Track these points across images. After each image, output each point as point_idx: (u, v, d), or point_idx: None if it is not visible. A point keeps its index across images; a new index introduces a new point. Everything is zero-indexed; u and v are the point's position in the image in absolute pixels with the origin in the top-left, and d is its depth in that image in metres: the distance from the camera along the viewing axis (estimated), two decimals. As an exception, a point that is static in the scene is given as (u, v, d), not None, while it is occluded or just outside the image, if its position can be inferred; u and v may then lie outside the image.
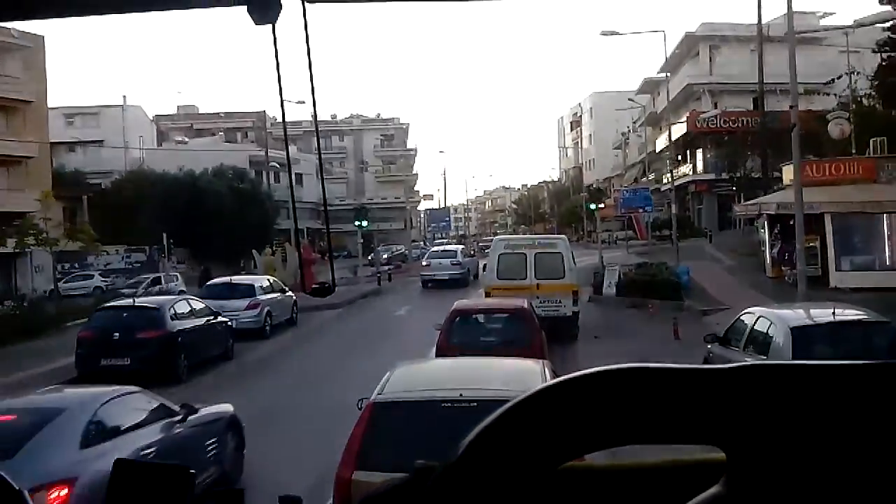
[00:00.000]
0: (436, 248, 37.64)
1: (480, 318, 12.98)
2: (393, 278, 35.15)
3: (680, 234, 42.87)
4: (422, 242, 68.00)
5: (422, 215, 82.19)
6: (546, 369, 6.24)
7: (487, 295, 17.41)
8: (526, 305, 12.82)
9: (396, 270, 37.12)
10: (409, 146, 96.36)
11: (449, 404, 5.30)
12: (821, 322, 9.12)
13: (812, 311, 10.06)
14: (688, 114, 52.72)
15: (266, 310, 19.77)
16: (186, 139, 69.28)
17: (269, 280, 21.37)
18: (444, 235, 72.71)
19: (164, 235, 34.78)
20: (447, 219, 69.20)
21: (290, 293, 21.71)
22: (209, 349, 16.04)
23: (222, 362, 16.59)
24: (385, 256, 49.31)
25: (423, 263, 32.93)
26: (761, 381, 0.57)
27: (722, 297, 22.06)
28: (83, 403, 7.02)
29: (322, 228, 73.90)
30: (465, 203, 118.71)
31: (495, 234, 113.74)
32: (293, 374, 15.62)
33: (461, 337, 11.90)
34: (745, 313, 10.00)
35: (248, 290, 19.95)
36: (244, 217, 50.67)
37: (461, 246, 39.05)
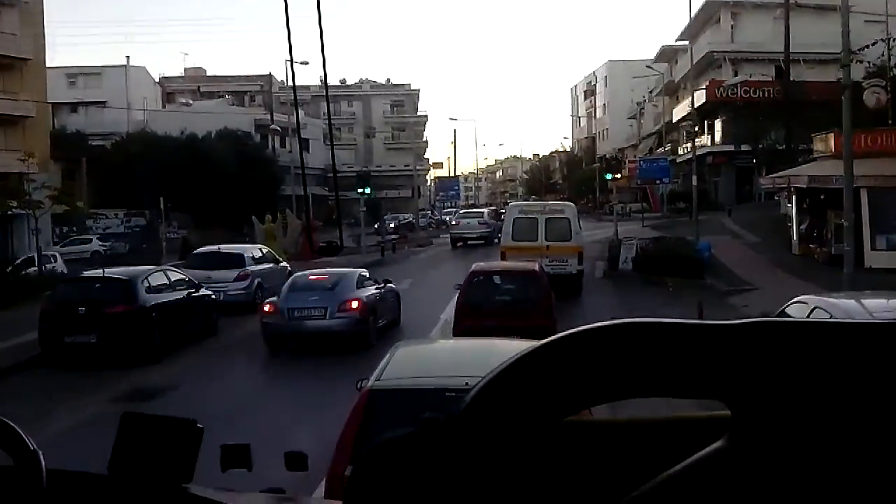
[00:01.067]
0: (464, 211, 42.92)
1: (496, 278, 14.00)
2: (398, 249, 33.81)
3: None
4: (430, 211, 66.45)
5: (430, 183, 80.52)
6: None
7: (503, 255, 19.05)
8: (537, 268, 14.07)
9: (401, 240, 35.68)
10: (419, 113, 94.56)
11: (454, 393, 4.33)
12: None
13: (871, 301, 8.60)
14: (707, 83, 50.83)
15: (257, 281, 18.38)
16: (191, 102, 67.60)
17: (260, 249, 19.95)
18: (453, 204, 71.00)
19: (161, 199, 33.29)
20: (456, 187, 67.53)
21: (283, 263, 20.28)
22: (189, 324, 14.78)
23: (205, 338, 15.26)
24: (391, 225, 47.80)
25: (453, 223, 37.84)
26: (769, 338, 0.57)
27: (747, 275, 20.59)
28: (353, 271, 16.28)
29: (327, 195, 72.56)
30: (475, 172, 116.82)
31: (506, 203, 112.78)
32: (283, 351, 14.25)
33: (478, 295, 13.09)
34: (794, 302, 8.55)
35: (238, 260, 18.52)
36: (248, 182, 49.28)
37: (486, 209, 42.99)
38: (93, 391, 11.19)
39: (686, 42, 63.47)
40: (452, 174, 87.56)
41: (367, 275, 16.43)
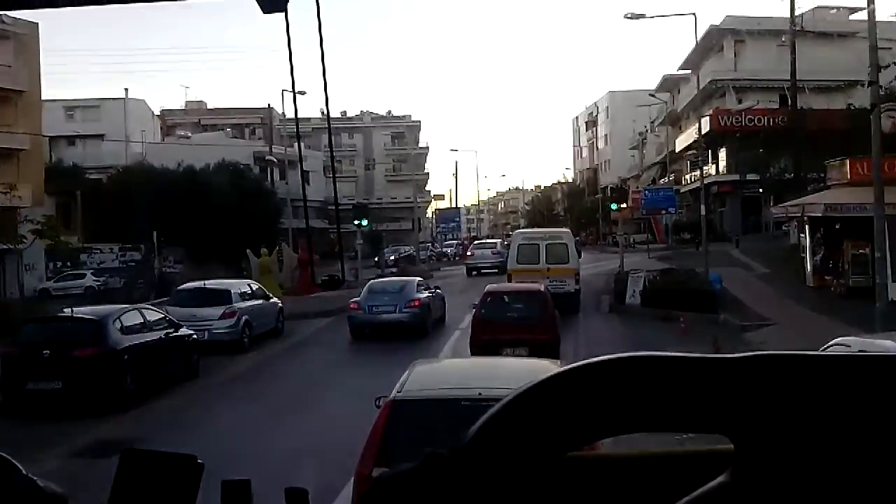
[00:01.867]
0: (478, 242, 47.04)
1: (507, 298, 15.56)
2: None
3: (701, 239, 40.50)
4: (430, 244, 65.46)
5: (432, 215, 79.63)
6: (550, 367, 5.80)
7: (509, 276, 21.43)
8: (543, 289, 15.85)
9: (401, 274, 34.65)
10: (420, 145, 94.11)
11: (468, 402, 5.21)
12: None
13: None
14: (711, 111, 50.15)
15: (244, 319, 17.32)
16: (189, 134, 67.11)
17: (249, 285, 18.95)
18: (454, 236, 69.98)
19: (154, 233, 32.46)
20: (457, 219, 66.37)
21: (274, 300, 19.27)
22: (166, 368, 13.79)
23: (185, 382, 14.23)
24: (391, 258, 46.74)
25: (468, 254, 41.27)
26: (770, 372, 0.57)
27: (762, 309, 19.55)
28: (413, 279, 21.13)
29: (328, 228, 71.76)
30: (477, 204, 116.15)
31: (507, 235, 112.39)
32: (271, 397, 13.25)
33: (492, 312, 14.82)
34: (834, 344, 7.55)
35: (224, 297, 17.39)
36: (246, 215, 48.37)
37: (499, 240, 47.53)
38: (53, 443, 10.17)
39: (688, 71, 63.19)
40: (454, 206, 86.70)
41: (423, 282, 21.21)
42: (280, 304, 18.83)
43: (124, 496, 1.58)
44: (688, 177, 52.64)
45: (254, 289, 18.52)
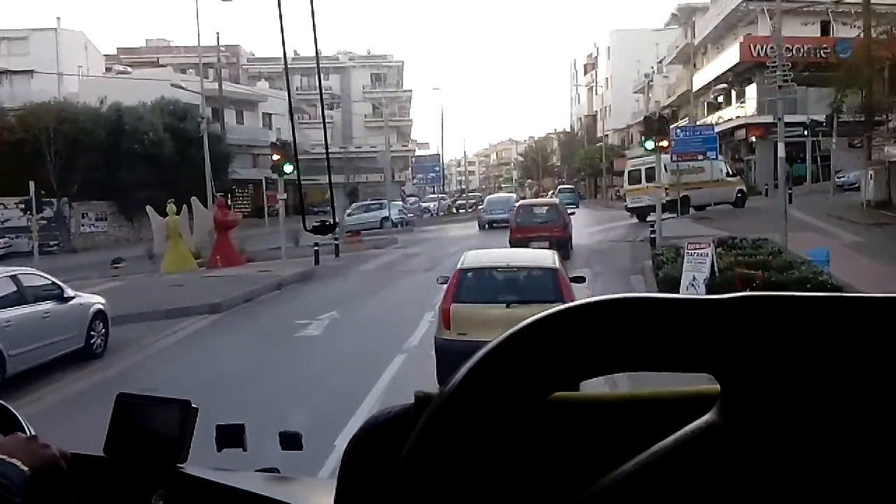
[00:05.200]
0: (492, 197, 45.99)
1: (533, 208, 23.81)
2: (350, 250, 25.13)
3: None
4: (400, 198, 57.01)
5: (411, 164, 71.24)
6: (555, 255, 9.93)
7: (512, 230, 22.49)
8: (557, 201, 25.93)
9: (352, 241, 26.90)
10: (404, 88, 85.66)
11: (501, 269, 9.44)
12: None
13: None
14: (742, 38, 42.13)
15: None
16: (130, 69, 58.52)
17: (24, 273, 10.57)
18: (434, 189, 61.61)
19: (31, 185, 24.68)
20: (437, 168, 57.48)
21: (79, 300, 10.93)
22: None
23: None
24: (352, 219, 38.63)
25: (481, 207, 42.07)
26: (759, 312, 0.57)
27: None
28: None
29: (292, 179, 63.86)
30: (464, 153, 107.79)
31: (499, 188, 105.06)
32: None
33: (523, 218, 22.34)
34: None
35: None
36: (188, 162, 40.16)
37: (513, 195, 47.81)
38: None
39: (707, -1, 54.80)
40: (441, 154, 78.33)
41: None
42: (99, 307, 10.91)
43: (120, 440, 1.64)
44: (711, 119, 44.70)
45: (38, 285, 10.43)
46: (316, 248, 20.39)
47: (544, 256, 10.09)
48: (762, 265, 13.19)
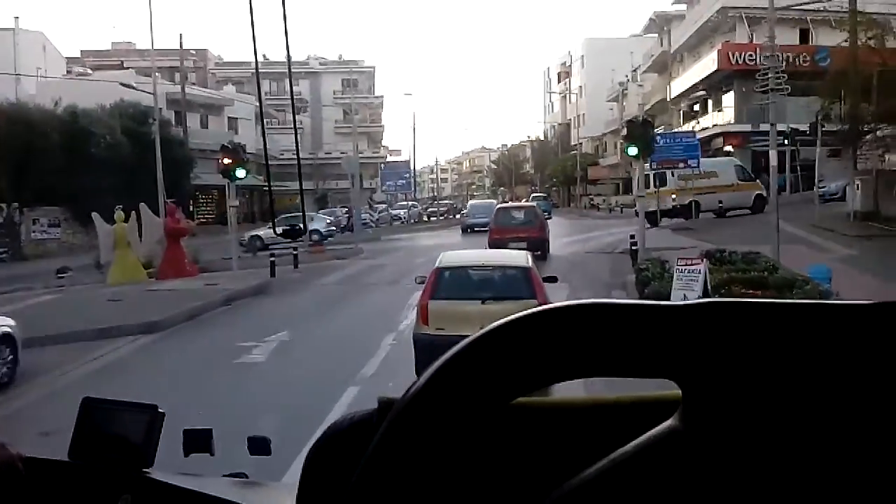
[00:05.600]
0: (475, 202, 47.97)
1: (511, 211, 24.84)
2: (312, 260, 23.62)
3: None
4: (367, 205, 55.27)
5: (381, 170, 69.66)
6: (528, 256, 10.21)
7: (491, 232, 23.19)
8: (535, 205, 27.80)
9: (315, 249, 25.40)
10: (375, 94, 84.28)
11: (475, 267, 9.87)
12: None
13: None
14: (721, 45, 41.30)
15: None
16: (90, 70, 56.62)
17: None
18: (405, 196, 60.01)
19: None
20: (407, 174, 55.63)
21: None
22: None
23: None
24: (321, 227, 37.00)
25: (464, 212, 44.12)
26: (719, 318, 0.58)
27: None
28: None
29: (258, 186, 62.20)
30: (436, 160, 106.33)
31: (472, 196, 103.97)
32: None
33: (500, 220, 23.14)
34: None
35: None
36: (146, 167, 38.32)
37: (495, 201, 47.86)
38: None
39: (684, 6, 54.07)
40: (414, 162, 76.90)
41: None
42: (7, 329, 9.40)
43: (85, 445, 1.64)
44: (687, 128, 43.79)
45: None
46: (272, 258, 18.86)
47: (518, 256, 10.40)
48: (760, 283, 11.96)
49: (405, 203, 58.62)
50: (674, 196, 31.37)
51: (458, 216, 56.35)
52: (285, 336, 11.90)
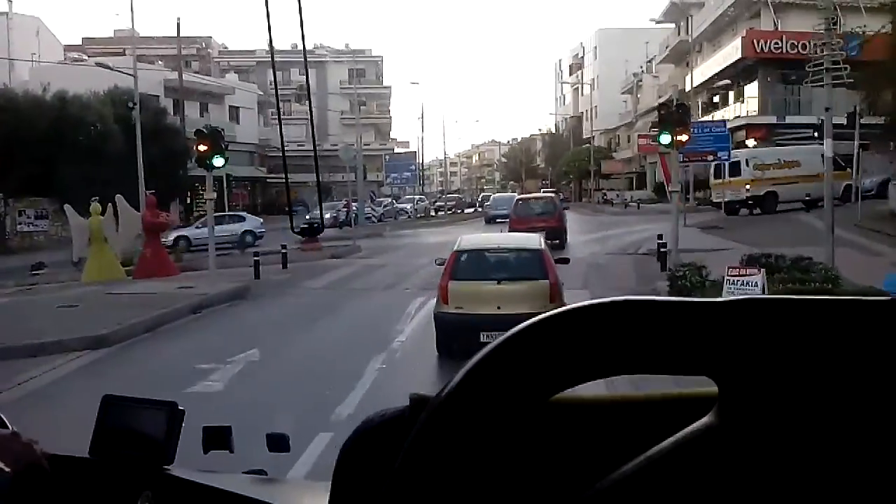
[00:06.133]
0: (498, 196, 49.00)
1: (530, 201, 27.13)
2: (305, 259, 21.69)
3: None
4: (369, 198, 53.05)
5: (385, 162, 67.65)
6: (541, 238, 10.57)
7: (511, 222, 24.06)
8: (553, 196, 30.63)
9: (309, 247, 23.41)
10: (383, 84, 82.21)
11: (491, 250, 10.30)
12: None
13: None
14: (745, 31, 39.11)
15: None
16: (86, 57, 54.77)
17: None
18: (412, 189, 57.95)
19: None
20: (412, 167, 53.51)
21: None
22: None
23: None
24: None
25: (487, 204, 45.18)
26: (757, 315, 0.58)
27: None
28: None
29: (259, 178, 60.49)
30: (444, 153, 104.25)
31: (482, 189, 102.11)
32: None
33: (520, 210, 24.95)
34: None
35: None
36: (143, 157, 36.38)
37: (515, 194, 47.84)
38: None
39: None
40: (421, 153, 74.80)
41: None
42: None
43: (106, 442, 1.64)
44: (708, 118, 41.58)
45: None
46: (256, 258, 16.94)
47: (531, 239, 10.75)
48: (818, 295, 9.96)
49: (411, 196, 56.61)
50: (748, 186, 29.39)
51: (465, 210, 54.17)
52: (255, 355, 9.98)
